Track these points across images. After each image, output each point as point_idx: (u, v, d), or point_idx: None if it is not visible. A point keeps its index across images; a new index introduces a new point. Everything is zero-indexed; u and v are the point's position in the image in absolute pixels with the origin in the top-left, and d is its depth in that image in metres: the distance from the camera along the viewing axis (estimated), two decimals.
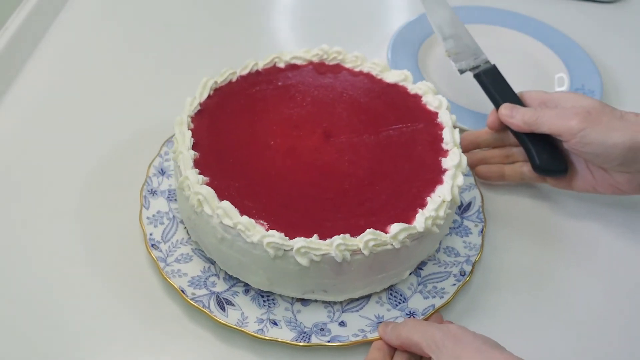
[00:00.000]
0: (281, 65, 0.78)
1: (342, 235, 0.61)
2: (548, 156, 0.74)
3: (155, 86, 0.91)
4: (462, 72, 0.82)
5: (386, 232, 0.62)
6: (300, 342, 0.64)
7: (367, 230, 0.61)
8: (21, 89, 0.89)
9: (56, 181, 0.78)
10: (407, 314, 0.67)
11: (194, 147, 0.68)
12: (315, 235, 0.61)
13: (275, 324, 0.65)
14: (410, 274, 0.69)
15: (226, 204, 0.62)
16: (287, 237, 0.61)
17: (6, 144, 0.83)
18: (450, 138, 0.70)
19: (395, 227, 0.62)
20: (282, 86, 0.76)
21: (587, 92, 0.89)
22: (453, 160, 0.68)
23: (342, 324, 0.66)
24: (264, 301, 0.67)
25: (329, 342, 0.64)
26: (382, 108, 0.74)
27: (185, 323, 0.67)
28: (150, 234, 0.71)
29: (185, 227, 0.72)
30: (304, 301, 0.67)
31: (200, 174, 0.65)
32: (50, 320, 0.67)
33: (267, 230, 0.61)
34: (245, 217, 0.61)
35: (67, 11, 1.02)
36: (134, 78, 0.92)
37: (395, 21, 1.05)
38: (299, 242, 0.60)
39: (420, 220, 0.63)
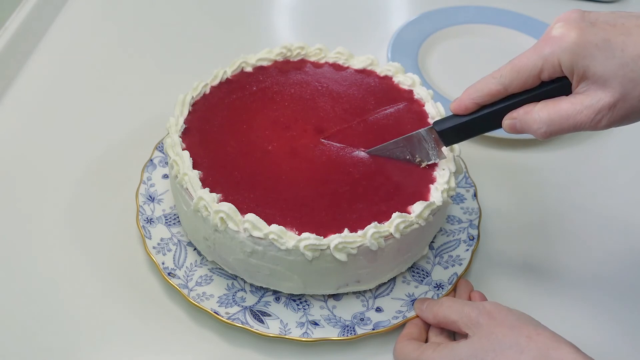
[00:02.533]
0: (249, 69, 0.77)
1: (373, 223, 0.62)
2: None
3: (155, 86, 0.92)
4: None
5: (408, 213, 0.64)
6: (346, 336, 0.64)
7: (394, 214, 0.62)
8: (21, 89, 0.90)
9: (54, 181, 0.78)
10: (435, 287, 0.69)
11: (194, 167, 0.66)
12: (346, 229, 0.62)
13: (316, 324, 0.65)
14: None
15: (252, 216, 0.61)
16: (321, 237, 0.61)
17: (6, 144, 0.83)
18: (435, 112, 0.73)
19: (418, 206, 0.64)
20: (257, 90, 0.75)
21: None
22: None
23: (378, 309, 0.67)
24: (297, 305, 0.67)
25: (373, 329, 0.65)
26: (361, 94, 0.76)
27: (187, 323, 0.67)
28: (163, 263, 0.68)
29: (196, 249, 0.70)
30: (336, 296, 0.68)
31: (211, 192, 0.64)
32: (51, 321, 0.66)
33: (298, 234, 0.61)
34: (274, 226, 0.61)
35: (66, 11, 1.03)
36: (133, 78, 0.93)
37: (395, 21, 1.06)
38: (335, 239, 0.61)
39: (436, 194, 0.65)
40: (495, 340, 0.57)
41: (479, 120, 0.61)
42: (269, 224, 0.61)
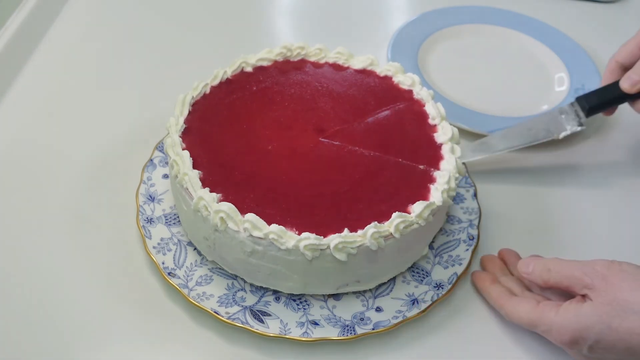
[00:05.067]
0: (249, 69, 0.77)
1: (373, 223, 0.62)
2: None
3: (155, 86, 0.92)
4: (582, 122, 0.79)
5: (408, 213, 0.64)
6: (346, 336, 0.64)
7: (394, 213, 0.63)
8: (21, 89, 0.90)
9: (54, 181, 0.79)
10: (435, 287, 0.69)
11: (194, 167, 0.66)
12: (346, 229, 0.62)
13: (316, 324, 0.65)
14: None
15: (252, 216, 0.61)
16: (321, 237, 0.61)
17: (6, 144, 0.83)
18: (436, 113, 0.73)
19: (418, 206, 0.64)
20: (257, 90, 0.75)
21: (587, 92, 0.88)
22: (446, 134, 0.71)
23: (378, 309, 0.67)
24: (298, 304, 0.67)
25: (373, 329, 0.65)
26: (361, 95, 0.76)
27: (187, 322, 0.67)
28: (163, 263, 0.68)
29: (196, 249, 0.70)
30: (335, 296, 0.68)
31: (211, 192, 0.64)
32: (50, 321, 0.66)
33: (298, 234, 0.61)
34: (274, 226, 0.61)
35: (66, 11, 1.03)
36: (133, 78, 0.93)
37: (395, 21, 1.05)
38: (335, 238, 0.61)
39: (436, 194, 0.65)
40: (617, 306, 0.57)
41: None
42: (269, 224, 0.61)
